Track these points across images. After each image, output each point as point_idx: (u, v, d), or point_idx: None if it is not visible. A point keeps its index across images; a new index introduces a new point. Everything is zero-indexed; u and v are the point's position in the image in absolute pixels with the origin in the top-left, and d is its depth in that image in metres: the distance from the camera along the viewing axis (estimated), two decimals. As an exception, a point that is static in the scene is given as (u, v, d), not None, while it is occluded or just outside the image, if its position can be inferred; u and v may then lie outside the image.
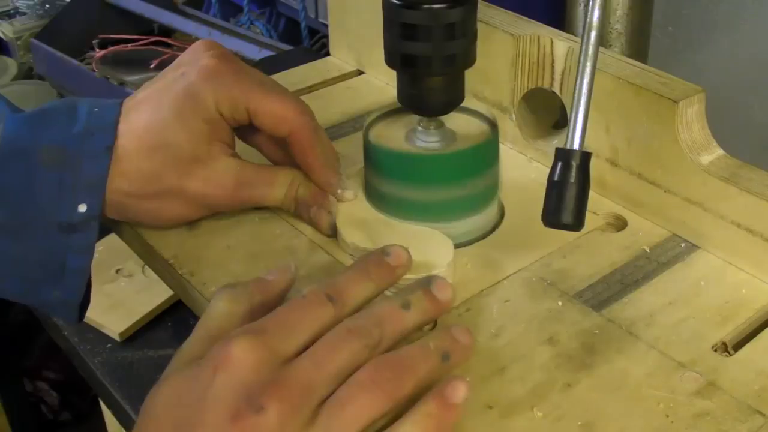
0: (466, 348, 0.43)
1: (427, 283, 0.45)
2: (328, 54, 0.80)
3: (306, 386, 0.39)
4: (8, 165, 0.52)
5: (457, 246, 0.54)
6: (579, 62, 0.47)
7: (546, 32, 0.61)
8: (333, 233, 0.55)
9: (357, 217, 0.55)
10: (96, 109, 0.54)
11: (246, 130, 0.57)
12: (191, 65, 0.55)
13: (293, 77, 0.77)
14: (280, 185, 0.56)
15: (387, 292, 0.48)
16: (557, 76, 0.60)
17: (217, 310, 0.44)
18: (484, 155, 0.54)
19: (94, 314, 0.88)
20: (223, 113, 0.54)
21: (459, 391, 0.40)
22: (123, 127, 0.53)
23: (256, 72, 0.56)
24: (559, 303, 0.51)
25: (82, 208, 0.52)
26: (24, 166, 0.52)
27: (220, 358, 0.39)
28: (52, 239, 0.52)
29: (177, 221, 0.56)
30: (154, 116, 0.53)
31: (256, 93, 0.54)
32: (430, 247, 0.51)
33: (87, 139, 0.52)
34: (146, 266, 0.82)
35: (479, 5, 0.52)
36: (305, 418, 0.38)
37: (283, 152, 0.58)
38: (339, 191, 0.56)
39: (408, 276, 0.47)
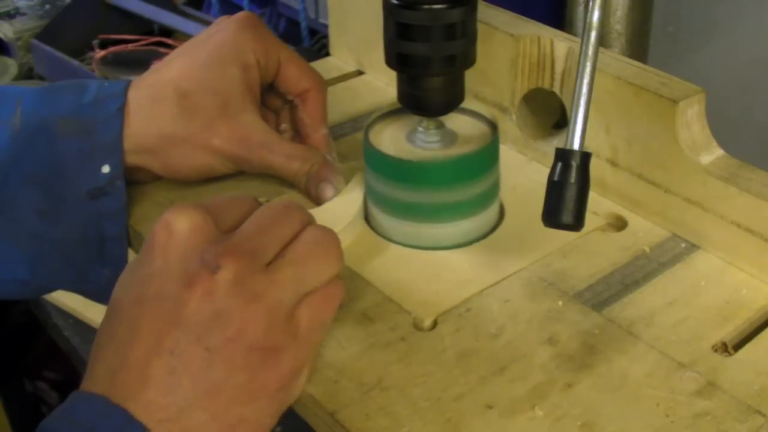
0: None
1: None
2: (328, 54, 0.80)
3: (254, 248, 0.41)
4: (33, 142, 0.54)
5: (457, 246, 0.54)
6: (579, 62, 0.47)
7: (546, 33, 0.61)
8: None
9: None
10: (105, 84, 0.56)
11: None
12: (224, 22, 0.58)
13: (293, 77, 0.77)
14: (298, 160, 0.57)
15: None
16: (557, 77, 0.60)
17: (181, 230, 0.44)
18: (485, 158, 0.54)
19: (93, 314, 0.88)
20: (259, 60, 0.57)
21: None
22: (154, 77, 0.56)
23: None
24: (559, 303, 0.51)
25: (105, 169, 0.54)
26: (46, 139, 0.54)
27: (165, 236, 0.41)
28: (85, 210, 0.54)
29: (199, 172, 0.58)
30: (190, 63, 0.56)
31: (285, 48, 0.59)
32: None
33: (98, 106, 0.55)
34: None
35: (479, 5, 0.52)
36: (259, 274, 0.40)
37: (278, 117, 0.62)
38: (329, 157, 0.59)
39: None
